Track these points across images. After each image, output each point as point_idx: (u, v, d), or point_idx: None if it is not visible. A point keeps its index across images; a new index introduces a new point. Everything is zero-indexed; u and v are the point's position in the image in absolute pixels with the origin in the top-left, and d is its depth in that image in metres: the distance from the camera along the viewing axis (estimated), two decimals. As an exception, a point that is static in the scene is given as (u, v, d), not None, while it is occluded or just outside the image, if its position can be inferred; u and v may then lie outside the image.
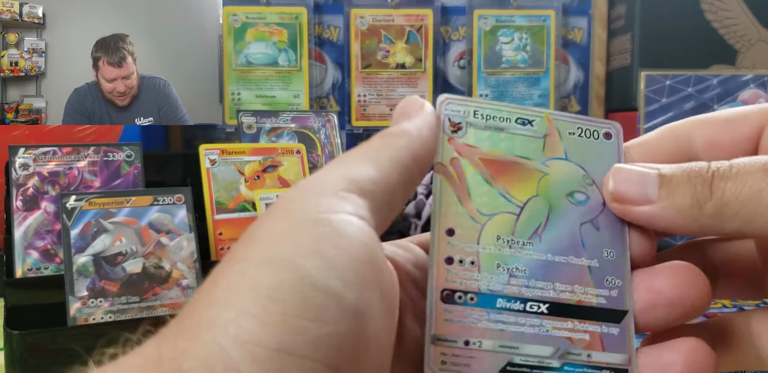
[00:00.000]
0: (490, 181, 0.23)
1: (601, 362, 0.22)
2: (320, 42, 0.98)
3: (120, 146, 0.67)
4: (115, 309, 0.57)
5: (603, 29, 0.99)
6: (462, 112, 0.24)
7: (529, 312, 0.22)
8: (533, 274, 0.22)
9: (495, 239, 0.22)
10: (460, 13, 0.98)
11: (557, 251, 0.23)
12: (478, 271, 0.22)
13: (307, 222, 0.18)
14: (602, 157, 0.24)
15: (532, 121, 0.24)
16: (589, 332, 0.22)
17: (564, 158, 0.24)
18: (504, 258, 0.22)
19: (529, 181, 0.23)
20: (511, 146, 0.24)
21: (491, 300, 0.22)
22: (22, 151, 0.64)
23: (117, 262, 0.58)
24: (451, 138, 0.23)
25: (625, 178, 0.22)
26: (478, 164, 0.23)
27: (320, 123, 0.79)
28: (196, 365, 0.15)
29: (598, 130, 0.24)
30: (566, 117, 0.24)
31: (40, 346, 0.53)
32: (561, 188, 0.23)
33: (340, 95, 0.98)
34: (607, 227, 0.23)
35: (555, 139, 0.24)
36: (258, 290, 0.16)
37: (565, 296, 0.22)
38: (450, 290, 0.22)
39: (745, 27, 0.91)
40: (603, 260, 0.23)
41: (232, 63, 0.95)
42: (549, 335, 0.22)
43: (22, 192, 0.63)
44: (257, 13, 0.95)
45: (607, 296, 0.22)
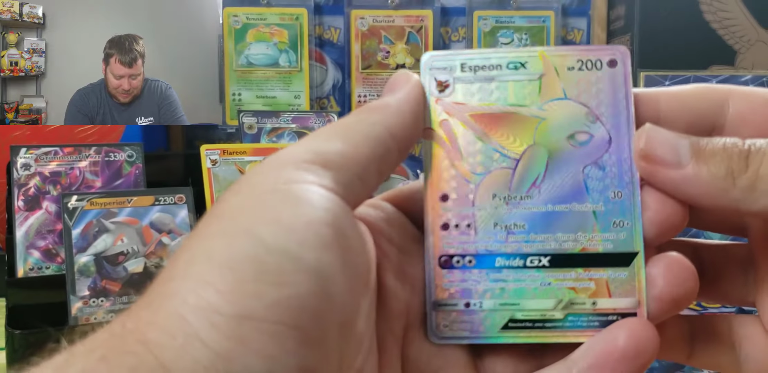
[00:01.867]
0: (483, 138, 0.22)
1: (607, 308, 0.21)
2: (321, 43, 0.98)
3: (121, 146, 0.67)
4: (116, 309, 0.57)
5: (602, 30, 0.99)
6: (448, 68, 0.22)
7: (530, 267, 0.22)
8: (533, 228, 0.22)
9: (491, 198, 0.22)
10: (460, 14, 0.99)
11: (558, 200, 0.22)
12: (475, 233, 0.22)
13: (266, 193, 0.18)
14: (607, 89, 0.22)
15: (525, 64, 0.22)
16: (595, 280, 0.21)
17: (563, 98, 0.22)
18: (501, 216, 0.22)
19: (526, 129, 0.22)
20: (503, 96, 0.22)
21: (490, 260, 0.22)
22: (24, 152, 0.64)
23: (118, 262, 0.58)
24: (438, 99, 0.22)
25: (658, 139, 0.21)
26: (468, 122, 0.22)
27: (321, 123, 0.79)
28: (158, 335, 0.15)
29: (602, 59, 0.22)
30: (564, 50, 0.23)
31: (41, 345, 0.53)
32: (560, 132, 0.22)
33: (340, 96, 0.98)
34: (615, 165, 0.22)
35: (552, 78, 0.22)
36: (214, 260, 0.16)
37: (568, 245, 0.22)
38: (447, 255, 0.22)
39: (744, 28, 0.91)
40: (610, 202, 0.22)
41: (232, 64, 0.95)
42: (551, 287, 0.21)
43: (23, 192, 0.63)
44: (258, 14, 0.95)
45: (614, 240, 0.22)
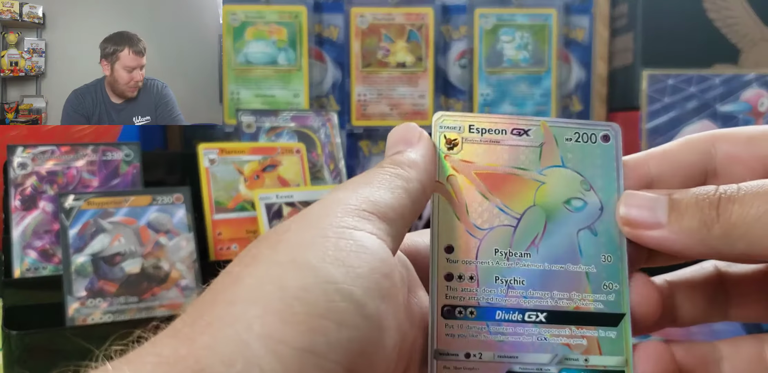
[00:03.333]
0: (487, 196, 0.23)
1: (598, 365, 0.23)
2: (320, 41, 0.97)
3: (118, 146, 0.67)
4: (113, 309, 0.57)
5: (605, 28, 0.98)
6: (457, 128, 0.24)
7: (528, 322, 0.23)
8: (531, 284, 0.23)
9: (493, 253, 0.23)
10: (461, 11, 0.98)
11: (554, 260, 0.23)
12: (477, 285, 0.23)
13: (332, 234, 0.18)
14: (601, 161, 0.24)
15: (528, 131, 0.24)
16: (587, 337, 0.23)
17: (561, 165, 0.24)
18: (502, 271, 0.23)
19: (527, 191, 0.24)
20: (507, 158, 0.24)
21: (490, 313, 0.23)
22: (21, 151, 0.64)
23: (115, 262, 0.58)
24: (447, 155, 0.24)
25: (635, 203, 0.23)
26: (474, 179, 0.24)
27: (320, 122, 0.78)
28: (215, 362, 0.15)
29: (596, 134, 0.25)
30: (563, 123, 0.25)
31: (38, 346, 0.53)
32: (558, 196, 0.24)
33: (340, 94, 0.98)
34: (605, 231, 0.24)
35: (551, 146, 0.24)
36: (285, 290, 0.16)
37: (563, 303, 0.23)
38: (450, 305, 0.22)
39: (748, 26, 0.90)
40: (600, 265, 0.23)
41: (231, 62, 0.95)
42: (547, 342, 0.23)
43: (20, 192, 0.63)
44: (257, 12, 0.95)
45: (605, 301, 0.23)
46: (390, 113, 0.96)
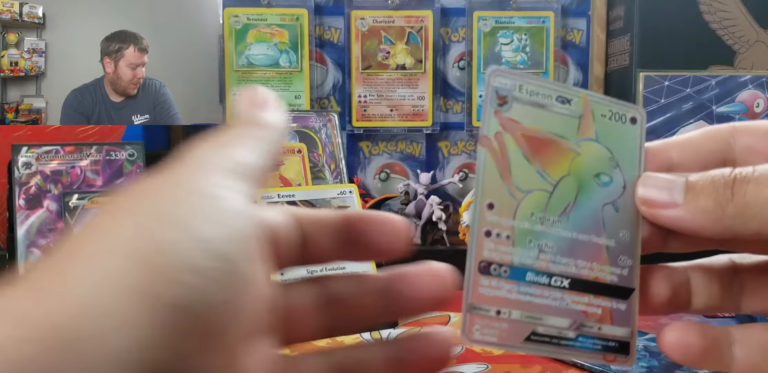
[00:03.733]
0: (529, 158, 0.24)
1: (608, 334, 0.24)
2: (321, 43, 0.98)
3: (122, 145, 0.67)
4: (117, 307, 0.57)
5: (602, 30, 0.99)
6: (509, 85, 0.24)
7: (553, 286, 0.23)
8: (559, 250, 0.24)
9: (529, 215, 0.24)
10: (459, 14, 0.99)
11: (582, 230, 0.24)
12: (512, 245, 0.23)
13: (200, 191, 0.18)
14: (627, 141, 0.25)
15: (570, 101, 0.25)
16: (602, 307, 0.24)
17: (595, 140, 0.25)
18: (535, 234, 0.24)
19: (563, 160, 0.24)
20: (550, 124, 0.24)
21: (522, 273, 0.23)
22: (25, 150, 0.64)
23: (119, 260, 0.58)
24: (497, 111, 0.24)
25: (653, 183, 0.24)
26: (519, 140, 0.24)
27: (321, 123, 0.79)
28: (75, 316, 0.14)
29: (626, 115, 0.25)
30: (600, 99, 0.25)
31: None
32: (590, 169, 0.25)
33: (340, 96, 0.98)
34: (625, 209, 0.24)
35: (589, 120, 0.25)
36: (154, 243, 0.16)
37: (585, 272, 0.24)
38: (487, 262, 0.23)
39: (744, 28, 0.92)
40: (618, 240, 0.24)
41: (233, 64, 0.95)
42: (568, 308, 0.23)
43: (24, 191, 0.63)
44: (258, 15, 0.95)
45: (619, 274, 0.24)
46: (390, 114, 0.97)
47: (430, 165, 1.01)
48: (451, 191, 1.01)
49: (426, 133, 0.99)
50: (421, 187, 0.93)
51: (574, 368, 0.54)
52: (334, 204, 0.68)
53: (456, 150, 1.01)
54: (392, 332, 0.65)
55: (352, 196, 0.69)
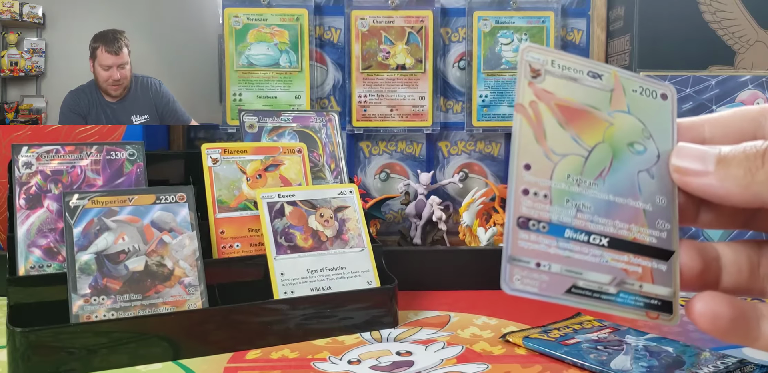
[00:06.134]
0: (563, 125, 0.25)
1: (650, 292, 0.25)
2: (321, 43, 0.98)
3: (122, 145, 0.67)
4: (117, 307, 0.57)
5: (602, 30, 0.99)
6: (541, 59, 0.26)
7: (592, 244, 0.25)
8: (597, 211, 0.25)
9: (566, 177, 0.25)
10: (459, 14, 0.99)
11: (618, 193, 0.25)
12: (550, 203, 0.24)
13: None
14: (659, 115, 0.26)
15: (601, 76, 0.26)
16: (642, 266, 0.25)
17: (627, 112, 0.26)
18: (572, 194, 0.25)
19: (597, 129, 0.26)
20: (582, 96, 0.26)
21: (560, 230, 0.24)
22: (25, 150, 0.64)
23: (119, 260, 0.58)
24: (531, 82, 0.25)
25: (687, 153, 0.25)
26: (553, 109, 0.25)
27: (322, 122, 0.79)
28: None
29: (657, 91, 0.27)
30: (630, 75, 0.27)
31: (42, 343, 0.54)
32: (623, 138, 0.26)
33: (340, 96, 0.98)
34: (660, 177, 0.26)
35: (620, 94, 0.26)
36: None
37: (623, 232, 0.25)
38: (525, 217, 0.24)
39: (744, 28, 0.92)
40: (656, 205, 0.26)
41: (233, 64, 0.95)
42: (608, 265, 0.25)
43: (25, 190, 0.63)
44: (258, 15, 0.95)
45: (658, 237, 0.25)
46: (390, 114, 0.97)
47: (430, 165, 1.01)
48: (451, 191, 1.01)
49: (426, 133, 0.99)
50: (421, 187, 0.93)
51: (574, 367, 0.54)
52: (334, 204, 0.68)
53: (456, 150, 1.01)
54: (392, 331, 0.65)
55: (352, 196, 0.69)
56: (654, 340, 0.57)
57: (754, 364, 0.53)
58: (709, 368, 0.52)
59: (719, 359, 0.53)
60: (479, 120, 0.98)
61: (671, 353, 0.55)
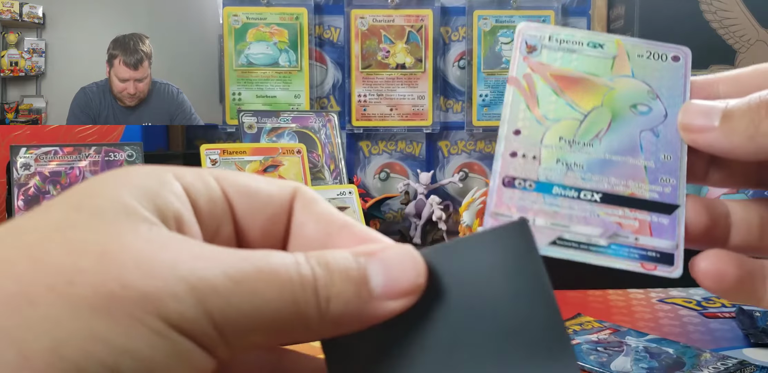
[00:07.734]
0: (559, 93, 0.25)
1: (647, 245, 0.24)
2: (321, 42, 0.98)
3: (121, 146, 0.67)
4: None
5: (602, 29, 0.99)
6: (538, 36, 0.26)
7: (583, 199, 0.24)
8: (590, 168, 0.25)
9: (557, 140, 0.25)
10: (459, 13, 0.99)
11: (614, 152, 0.25)
12: (539, 164, 0.24)
13: None
14: (669, 76, 0.26)
15: (603, 45, 0.26)
16: (639, 220, 0.25)
17: (630, 76, 0.26)
18: (564, 155, 0.25)
19: (596, 94, 0.26)
20: (581, 65, 0.26)
21: (548, 187, 0.24)
22: (24, 151, 0.64)
23: (119, 261, 0.58)
24: (525, 57, 0.25)
25: (694, 109, 0.24)
26: (548, 78, 0.25)
27: (321, 123, 0.79)
28: None
29: (667, 54, 0.26)
30: (638, 41, 0.26)
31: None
32: (625, 100, 0.26)
33: (340, 95, 0.98)
34: (667, 135, 0.25)
35: (623, 59, 0.26)
36: None
37: (619, 188, 0.25)
38: (511, 177, 0.24)
39: (744, 27, 0.91)
40: (660, 162, 0.25)
41: (232, 63, 0.95)
42: (599, 218, 0.24)
43: (23, 192, 0.63)
44: (258, 14, 0.95)
45: (660, 192, 0.25)
46: (390, 114, 0.97)
47: (430, 165, 1.01)
48: (451, 190, 1.01)
49: (426, 133, 0.99)
50: (421, 186, 0.93)
51: (573, 369, 0.54)
52: (334, 205, 0.68)
53: (456, 150, 1.01)
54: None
55: (351, 196, 0.69)
56: (654, 341, 0.57)
57: (754, 365, 0.53)
58: (709, 369, 0.52)
59: (720, 361, 0.53)
60: (479, 119, 0.98)
61: (671, 354, 0.55)
